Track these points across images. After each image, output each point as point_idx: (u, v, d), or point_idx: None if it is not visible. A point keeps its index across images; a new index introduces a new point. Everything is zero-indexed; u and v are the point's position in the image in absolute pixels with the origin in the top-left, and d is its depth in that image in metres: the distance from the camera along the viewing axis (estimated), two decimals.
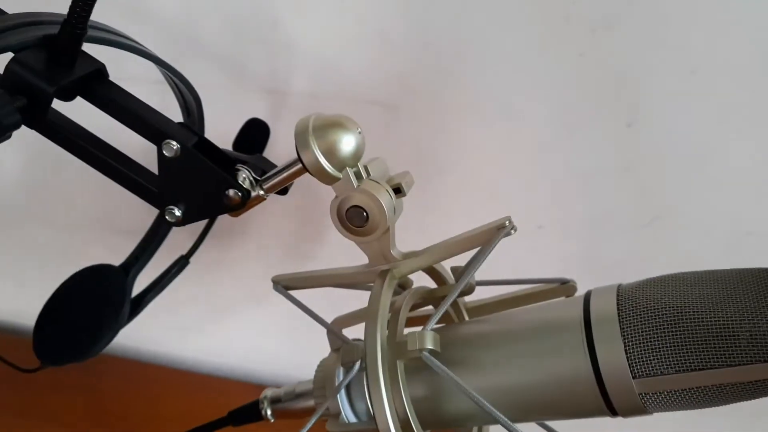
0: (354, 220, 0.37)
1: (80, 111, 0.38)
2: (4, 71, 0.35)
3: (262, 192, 0.39)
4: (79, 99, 0.38)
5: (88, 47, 0.38)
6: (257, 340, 0.78)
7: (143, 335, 0.76)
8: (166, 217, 0.40)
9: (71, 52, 0.36)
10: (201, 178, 0.39)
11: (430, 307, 0.43)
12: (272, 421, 0.44)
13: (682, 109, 0.56)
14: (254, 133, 0.54)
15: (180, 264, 0.51)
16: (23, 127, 0.35)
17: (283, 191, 0.41)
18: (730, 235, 0.60)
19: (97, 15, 0.36)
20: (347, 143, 0.36)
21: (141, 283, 0.52)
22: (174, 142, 0.38)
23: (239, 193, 0.39)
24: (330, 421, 0.40)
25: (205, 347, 0.80)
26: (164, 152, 0.38)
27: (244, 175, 0.39)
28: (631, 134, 0.58)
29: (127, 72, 0.42)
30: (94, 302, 0.48)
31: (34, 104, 0.35)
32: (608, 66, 0.56)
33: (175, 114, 0.46)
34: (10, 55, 0.35)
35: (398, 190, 0.38)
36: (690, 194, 0.60)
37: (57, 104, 0.37)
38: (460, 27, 0.58)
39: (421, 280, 0.43)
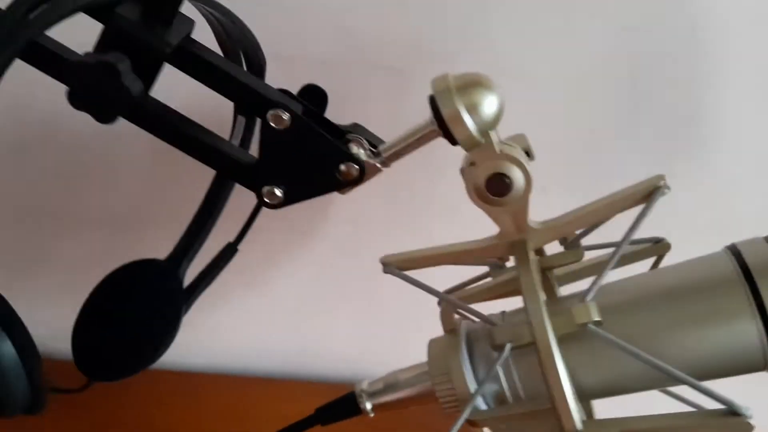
0: (494, 188, 0.34)
1: None
2: (107, 28, 0.28)
3: (378, 164, 0.35)
4: None
5: None
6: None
7: None
8: (265, 200, 0.35)
9: (172, 5, 0.30)
10: (311, 151, 0.34)
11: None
12: (372, 416, 0.41)
13: None
14: (311, 102, 0.48)
15: (229, 252, 0.45)
16: None
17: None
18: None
19: None
20: (491, 104, 0.33)
21: None
22: (284, 112, 0.33)
23: (356, 166, 0.34)
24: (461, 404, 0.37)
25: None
26: (271, 123, 0.33)
27: (357, 146, 0.35)
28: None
29: None
30: (146, 303, 0.42)
31: (140, 68, 0.29)
32: None
33: None
34: None
35: (528, 153, 0.36)
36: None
37: None
38: None
39: None
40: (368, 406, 0.41)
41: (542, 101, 0.59)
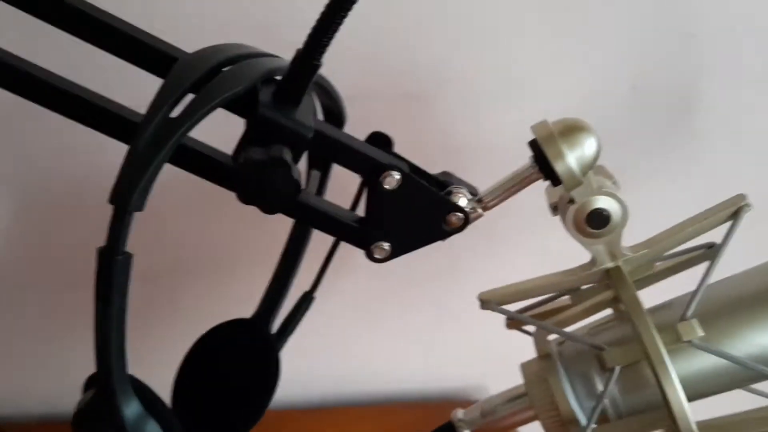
0: (595, 222, 0.36)
1: None
2: (253, 120, 0.29)
3: (480, 210, 0.37)
4: None
5: None
6: None
7: None
8: (375, 255, 0.37)
9: (301, 89, 0.31)
10: (419, 206, 0.36)
11: None
12: None
13: None
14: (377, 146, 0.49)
15: (306, 301, 0.46)
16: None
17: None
18: None
19: None
20: (590, 146, 0.35)
21: None
22: (396, 173, 0.34)
23: (461, 216, 0.36)
24: (572, 424, 0.39)
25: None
26: (384, 186, 0.34)
27: (461, 196, 0.36)
28: None
29: None
30: (247, 372, 0.42)
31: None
32: None
33: None
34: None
35: (614, 184, 0.38)
36: None
37: None
38: None
39: None
40: None
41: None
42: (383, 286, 0.73)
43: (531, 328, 0.47)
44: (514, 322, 0.47)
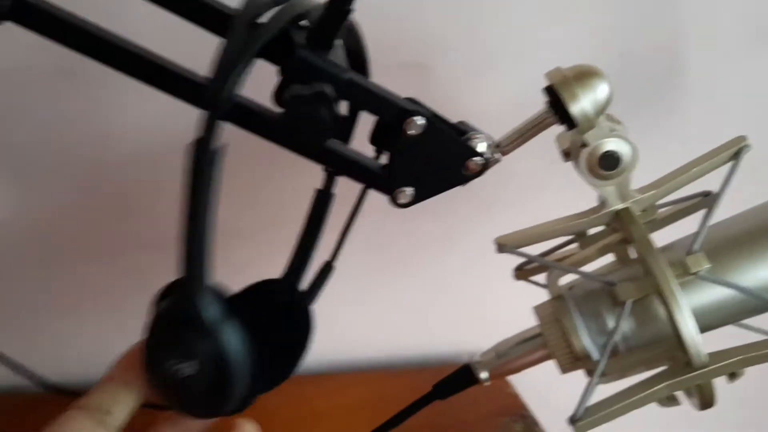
0: (606, 164, 0.38)
1: None
2: (290, 62, 0.30)
3: (498, 155, 0.39)
4: None
5: None
6: None
7: None
8: (399, 201, 0.38)
9: (332, 34, 0.32)
10: (440, 151, 0.37)
11: None
12: (488, 384, 0.44)
13: None
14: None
15: (327, 270, 0.46)
16: None
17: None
18: None
19: None
20: (602, 90, 0.37)
21: None
22: (421, 119, 0.36)
23: (481, 161, 0.38)
24: (586, 359, 0.41)
25: None
26: (409, 131, 0.36)
27: (479, 142, 0.38)
28: None
29: None
30: (285, 326, 0.43)
31: None
32: None
33: None
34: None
35: (622, 128, 0.40)
36: None
37: None
38: None
39: None
40: (484, 375, 0.44)
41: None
42: (380, 257, 0.75)
43: (538, 278, 0.49)
44: (522, 272, 0.49)
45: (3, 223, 0.64)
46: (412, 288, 0.78)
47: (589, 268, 0.45)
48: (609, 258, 0.45)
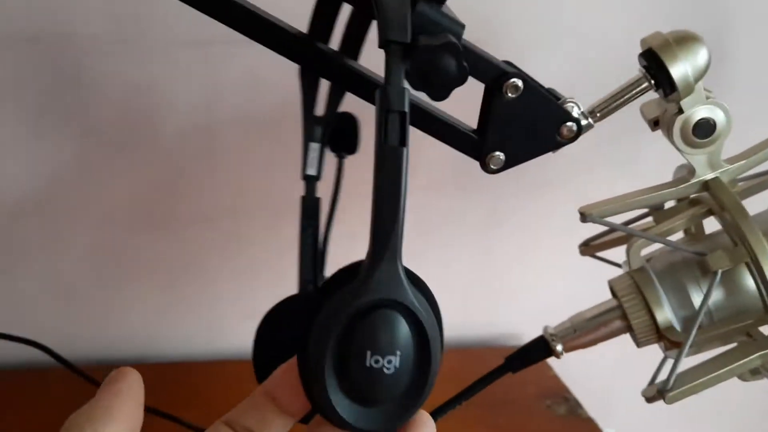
0: (700, 132, 0.38)
1: None
2: (416, 16, 0.29)
3: (591, 121, 0.38)
4: None
5: None
6: None
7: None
8: (491, 166, 0.38)
9: None
10: (536, 115, 0.37)
11: None
12: (562, 357, 0.44)
13: None
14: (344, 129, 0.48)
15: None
16: None
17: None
18: None
19: None
20: (702, 55, 0.36)
21: None
22: (519, 81, 0.35)
23: (575, 126, 0.37)
24: (669, 331, 0.41)
25: None
26: (507, 93, 0.35)
27: (573, 106, 0.37)
28: None
29: None
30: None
31: None
32: None
33: None
34: None
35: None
36: None
37: None
38: None
39: None
40: (559, 347, 0.44)
41: None
42: (423, 241, 0.74)
43: (604, 253, 0.48)
44: (589, 248, 0.49)
45: (60, 181, 0.64)
46: (453, 270, 0.77)
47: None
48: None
